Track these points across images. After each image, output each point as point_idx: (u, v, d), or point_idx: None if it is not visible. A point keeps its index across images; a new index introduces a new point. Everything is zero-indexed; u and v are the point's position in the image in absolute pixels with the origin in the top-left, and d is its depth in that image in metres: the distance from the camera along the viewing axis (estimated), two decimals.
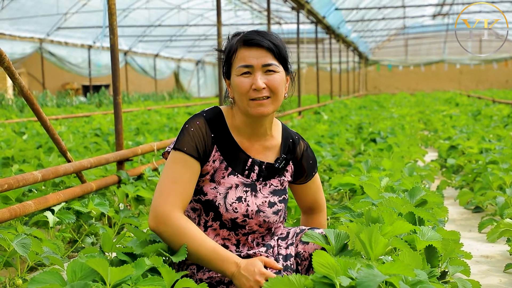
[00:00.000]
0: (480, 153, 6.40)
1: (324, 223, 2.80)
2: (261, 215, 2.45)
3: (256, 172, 2.48)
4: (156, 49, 29.40)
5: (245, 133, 2.48)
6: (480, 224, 4.23)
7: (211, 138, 2.42)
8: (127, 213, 4.27)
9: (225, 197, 2.41)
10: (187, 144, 2.37)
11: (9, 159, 6.09)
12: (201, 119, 2.43)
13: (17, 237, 2.91)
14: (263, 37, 2.37)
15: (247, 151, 2.48)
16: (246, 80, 2.35)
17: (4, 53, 3.62)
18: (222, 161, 2.44)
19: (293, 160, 2.59)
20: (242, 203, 2.43)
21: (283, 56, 2.41)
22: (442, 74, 38.61)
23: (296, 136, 2.63)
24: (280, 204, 2.51)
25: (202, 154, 2.39)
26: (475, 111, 13.52)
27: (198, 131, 2.40)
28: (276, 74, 2.37)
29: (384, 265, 1.96)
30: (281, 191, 2.54)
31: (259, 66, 2.35)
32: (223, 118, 2.47)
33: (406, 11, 27.75)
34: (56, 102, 20.75)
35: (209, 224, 2.45)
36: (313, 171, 2.67)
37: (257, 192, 2.47)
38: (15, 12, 18.28)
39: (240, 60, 2.37)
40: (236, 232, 2.46)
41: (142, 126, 10.97)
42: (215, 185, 2.43)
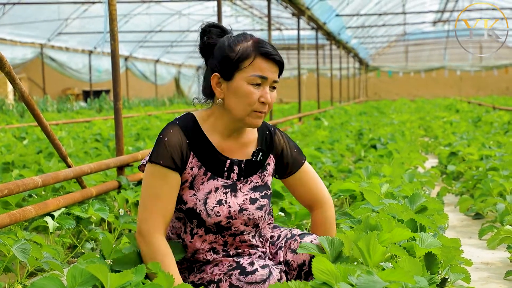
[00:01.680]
0: (481, 160, 6.40)
1: (331, 217, 2.66)
2: (244, 213, 2.43)
3: (236, 172, 2.47)
4: (157, 54, 29.44)
5: (222, 134, 2.47)
6: (480, 231, 4.23)
7: (187, 145, 2.40)
8: (127, 219, 4.26)
9: (205, 202, 2.40)
10: (163, 156, 2.35)
11: (10, 164, 6.09)
12: (175, 127, 2.41)
13: (17, 243, 2.90)
14: (278, 52, 2.40)
15: (224, 152, 2.47)
16: (256, 90, 2.35)
17: (5, 58, 3.62)
18: (201, 167, 2.42)
19: (273, 152, 2.57)
20: (223, 206, 2.41)
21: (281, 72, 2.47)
22: (443, 81, 38.65)
23: (272, 128, 2.60)
24: (263, 199, 2.49)
25: (179, 164, 2.38)
26: (476, 118, 13.52)
27: (172, 140, 2.38)
28: (275, 91, 2.42)
29: (384, 272, 1.96)
30: (262, 187, 2.51)
31: (271, 81, 2.37)
32: (197, 123, 2.46)
33: (406, 18, 27.80)
34: (56, 107, 20.77)
35: (195, 231, 2.45)
36: (299, 160, 2.61)
37: (236, 191, 2.46)
38: (16, 18, 18.31)
39: (256, 70, 2.34)
40: (223, 234, 2.45)
41: (143, 132, 10.97)
42: (194, 192, 2.42)
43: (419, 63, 39.45)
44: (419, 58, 40.00)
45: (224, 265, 2.40)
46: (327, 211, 2.65)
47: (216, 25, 2.49)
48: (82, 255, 3.39)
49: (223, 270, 2.38)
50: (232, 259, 2.43)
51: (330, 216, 2.66)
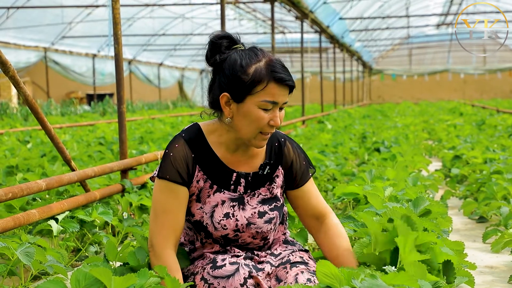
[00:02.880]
0: (485, 163, 6.39)
1: (337, 224, 2.57)
2: (252, 227, 2.43)
3: (243, 185, 2.45)
4: (160, 58, 29.48)
5: (229, 147, 2.45)
6: (484, 234, 4.22)
7: (192, 159, 2.40)
8: (131, 222, 4.27)
9: (212, 216, 2.41)
10: (170, 172, 2.38)
11: (14, 168, 6.10)
12: (180, 141, 2.42)
13: (21, 246, 2.91)
14: (289, 75, 2.35)
15: (231, 165, 2.45)
16: (266, 115, 2.32)
17: (9, 62, 3.63)
18: (206, 180, 2.42)
19: (282, 164, 2.53)
20: (231, 219, 2.41)
21: None
22: (446, 84, 38.62)
23: (282, 138, 2.55)
24: (272, 212, 2.47)
25: (186, 178, 2.39)
26: (479, 121, 13.50)
27: (178, 154, 2.39)
28: (284, 109, 2.39)
29: (388, 276, 1.95)
30: (271, 200, 2.49)
31: (280, 104, 2.35)
32: (203, 136, 2.45)
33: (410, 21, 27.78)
34: (60, 110, 20.80)
35: (204, 241, 2.47)
36: (306, 174, 2.57)
37: (244, 204, 2.44)
38: (20, 21, 18.36)
39: (268, 95, 2.31)
40: (229, 247, 2.46)
41: (146, 135, 10.97)
42: (201, 205, 2.42)
43: (422, 66, 39.44)
44: (423, 61, 39.98)
45: (206, 259, 2.42)
46: (334, 218, 2.59)
47: (226, 35, 2.46)
48: (86, 258, 3.40)
49: (202, 264, 2.39)
50: (213, 255, 2.42)
51: (336, 221, 2.59)
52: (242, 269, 2.28)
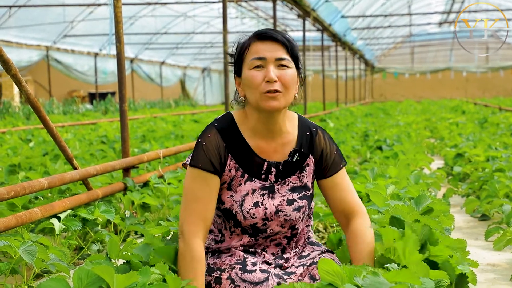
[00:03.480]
0: (487, 161, 6.38)
1: (363, 228, 2.48)
2: (280, 214, 2.44)
3: (274, 174, 2.47)
4: (162, 56, 29.48)
5: (260, 133, 2.45)
6: (486, 232, 4.22)
7: (224, 148, 2.42)
8: (133, 220, 4.27)
9: (241, 204, 2.42)
10: (202, 160, 2.39)
11: (16, 167, 6.10)
12: (213, 131, 2.43)
13: (23, 244, 2.91)
14: (277, 32, 2.39)
15: (263, 154, 2.46)
16: (258, 73, 2.34)
17: (11, 61, 3.63)
18: (238, 169, 2.44)
19: (313, 153, 2.52)
20: (260, 207, 2.42)
21: (296, 54, 2.41)
22: (449, 82, 38.58)
23: (313, 128, 2.55)
24: (301, 200, 2.47)
25: (218, 167, 2.41)
26: (482, 119, 13.48)
27: (211, 144, 2.41)
28: (288, 69, 2.36)
29: (390, 273, 1.95)
30: (300, 188, 2.49)
31: (272, 59, 2.34)
32: (235, 124, 2.47)
33: (412, 19, 27.77)
34: (62, 109, 20.83)
35: (232, 230, 2.49)
36: (338, 164, 2.54)
37: (274, 193, 2.46)
38: (22, 20, 18.37)
39: (253, 53, 2.36)
40: (257, 238, 2.47)
41: (148, 134, 10.98)
42: (232, 193, 2.44)
43: (425, 65, 39.40)
44: (425, 60, 39.94)
45: (235, 258, 2.43)
46: (360, 223, 2.49)
47: None
48: (88, 256, 3.40)
49: (231, 262, 2.40)
50: (243, 254, 2.44)
51: (362, 227, 2.48)
52: (271, 279, 2.30)
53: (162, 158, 5.79)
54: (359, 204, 2.55)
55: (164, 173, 5.39)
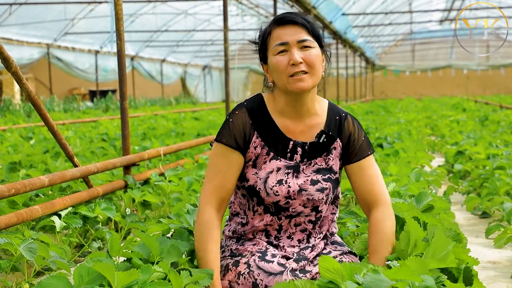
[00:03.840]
0: (487, 159, 6.38)
1: (383, 221, 2.45)
2: (303, 193, 2.45)
3: (300, 154, 2.49)
4: (163, 54, 29.47)
5: (288, 114, 2.50)
6: (487, 230, 4.22)
7: (250, 125, 2.48)
8: (134, 218, 4.28)
9: (265, 181, 2.45)
10: (226, 136, 2.46)
11: (16, 164, 6.11)
12: (241, 109, 2.50)
13: (24, 242, 2.91)
14: (296, 15, 2.43)
15: (290, 133, 2.50)
16: (283, 58, 2.39)
17: (11, 58, 3.63)
18: (264, 147, 2.48)
19: (341, 137, 2.54)
20: (283, 185, 2.45)
21: (317, 33, 2.45)
22: (449, 80, 38.54)
23: (343, 113, 2.58)
24: (325, 182, 2.48)
25: (242, 144, 2.46)
26: (482, 117, 13.48)
27: (237, 121, 2.47)
28: (312, 49, 2.41)
29: (390, 270, 1.95)
30: (326, 170, 2.51)
31: (295, 42, 2.39)
32: (264, 104, 2.52)
33: (413, 16, 27.76)
34: (63, 107, 20.82)
35: (255, 209, 2.51)
36: (365, 150, 2.55)
37: (299, 172, 2.48)
38: (23, 18, 18.36)
39: (275, 39, 2.41)
40: (279, 216, 2.49)
41: (149, 131, 10.98)
42: (256, 170, 2.48)
43: (425, 62, 39.37)
44: (426, 57, 39.91)
45: (257, 246, 2.47)
46: (380, 212, 2.48)
47: None
48: (89, 254, 3.40)
49: (252, 250, 2.45)
50: (267, 245, 2.48)
51: (382, 219, 2.46)
52: (286, 275, 2.31)
53: (163, 156, 5.79)
54: (383, 193, 2.53)
55: (165, 171, 5.39)
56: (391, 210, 2.50)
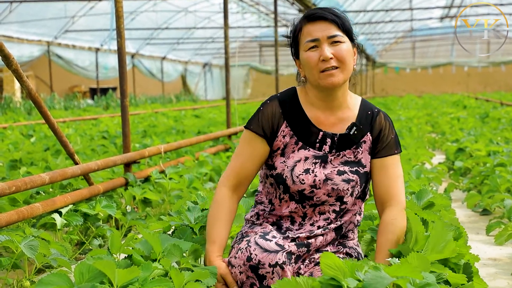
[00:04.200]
0: (488, 156, 6.38)
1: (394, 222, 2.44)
2: (329, 183, 2.47)
3: (329, 145, 2.51)
4: (163, 51, 29.46)
5: (320, 107, 2.53)
6: (487, 227, 4.22)
7: (280, 114, 2.53)
8: (134, 215, 4.28)
9: (292, 169, 2.48)
10: (254, 124, 2.54)
11: (17, 162, 6.11)
12: (273, 99, 2.57)
13: (25, 239, 2.92)
14: (325, 10, 2.46)
15: (320, 125, 2.52)
16: (314, 54, 2.43)
17: (12, 56, 3.63)
18: (292, 136, 2.52)
19: (371, 132, 2.55)
20: (309, 174, 2.47)
21: (347, 27, 2.48)
22: (450, 77, 38.51)
23: (376, 109, 2.60)
24: (352, 174, 2.49)
25: (269, 133, 2.53)
26: (483, 114, 13.47)
27: (267, 110, 2.54)
28: (343, 44, 2.44)
29: (391, 267, 1.95)
30: (353, 163, 2.52)
31: (325, 38, 2.42)
32: (296, 96, 2.57)
33: (413, 14, 27.73)
34: (63, 104, 20.81)
35: (281, 196, 2.54)
36: (391, 148, 2.55)
37: (327, 163, 2.50)
38: (23, 15, 18.36)
39: (306, 36, 2.45)
40: (303, 204, 2.51)
41: (149, 129, 10.98)
42: (285, 159, 2.51)
43: (426, 59, 39.33)
44: (426, 54, 39.87)
45: (263, 229, 2.50)
46: (395, 212, 2.47)
47: None
48: (90, 251, 3.41)
49: (257, 231, 2.49)
50: (271, 227, 2.51)
51: (394, 220, 2.46)
52: (280, 254, 2.31)
53: (163, 153, 5.79)
54: (399, 195, 2.52)
55: (165, 168, 5.40)
56: (403, 212, 2.49)
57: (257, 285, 2.28)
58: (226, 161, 6.71)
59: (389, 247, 2.41)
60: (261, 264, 2.27)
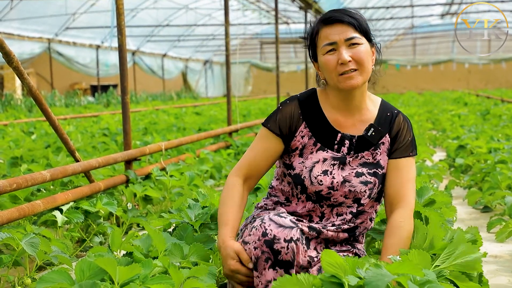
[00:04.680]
0: (489, 153, 6.37)
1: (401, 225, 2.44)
2: (346, 185, 2.47)
3: (347, 146, 2.52)
4: (164, 49, 29.44)
5: (339, 108, 2.54)
6: (488, 224, 4.22)
7: (299, 115, 2.55)
8: (135, 213, 4.28)
9: (311, 170, 2.49)
10: (272, 122, 2.57)
11: (18, 159, 6.11)
12: (293, 99, 2.59)
13: (25, 237, 2.92)
14: (342, 13, 2.46)
15: (339, 126, 2.54)
16: (332, 57, 2.43)
17: (13, 53, 3.63)
18: (311, 137, 2.53)
19: (390, 133, 2.55)
20: (328, 176, 2.48)
21: (364, 28, 2.48)
22: (451, 74, 38.46)
23: (395, 111, 2.61)
24: (370, 177, 2.49)
25: (286, 132, 2.55)
26: (484, 111, 13.46)
27: (286, 110, 2.56)
28: (360, 46, 2.44)
29: (392, 265, 1.95)
30: (372, 164, 2.52)
31: (342, 41, 2.42)
32: (316, 97, 2.59)
33: (414, 11, 27.68)
34: (64, 102, 20.82)
35: (299, 196, 2.55)
36: (405, 151, 2.54)
37: (345, 165, 2.50)
38: (24, 12, 18.34)
39: (323, 39, 2.45)
40: (321, 204, 2.51)
41: (150, 126, 10.98)
42: (303, 159, 2.52)
43: (427, 56, 39.27)
44: (427, 51, 39.81)
45: (276, 211, 2.51)
46: (403, 214, 2.46)
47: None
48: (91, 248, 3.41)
49: (270, 212, 2.48)
50: (285, 210, 2.53)
51: (401, 222, 2.45)
52: (295, 231, 2.29)
53: (164, 151, 5.79)
54: (409, 197, 2.51)
55: (166, 166, 5.40)
56: (411, 215, 2.48)
57: (272, 259, 2.26)
58: (226, 158, 6.71)
59: (395, 250, 2.40)
60: (276, 239, 2.26)
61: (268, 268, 2.26)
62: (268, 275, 2.26)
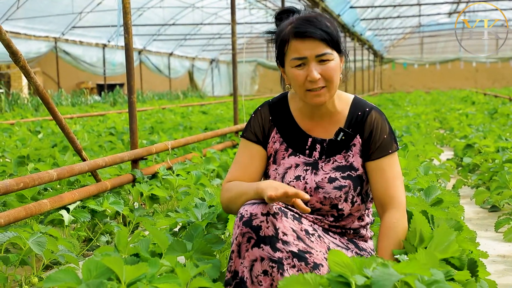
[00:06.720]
0: (497, 152, 6.35)
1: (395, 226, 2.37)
2: (320, 191, 2.43)
3: (318, 151, 2.49)
4: (171, 48, 29.47)
5: (309, 113, 2.51)
6: (496, 224, 4.20)
7: (270, 121, 2.55)
8: (142, 212, 4.28)
9: (283, 176, 2.47)
10: (247, 131, 2.57)
11: (25, 158, 6.12)
12: (264, 105, 2.59)
13: (32, 236, 2.92)
14: (315, 26, 2.33)
15: (309, 131, 2.51)
16: (300, 72, 2.34)
17: (19, 52, 3.64)
18: (282, 143, 2.52)
19: (361, 133, 2.47)
20: (300, 181, 2.44)
21: (336, 41, 2.36)
22: (458, 72, 38.38)
23: (367, 108, 2.50)
24: (344, 180, 2.43)
25: (261, 137, 2.55)
26: (492, 110, 13.42)
27: (258, 116, 2.57)
28: (331, 62, 2.35)
29: (399, 264, 1.94)
30: (345, 168, 2.45)
31: (313, 57, 2.33)
32: (286, 102, 2.56)
33: (421, 9, 27.61)
34: (71, 101, 20.86)
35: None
36: (385, 149, 2.45)
37: (318, 170, 2.46)
38: (31, 11, 18.39)
39: (293, 52, 2.35)
40: None
41: (157, 125, 10.99)
42: (276, 166, 2.51)
43: (434, 55, 39.20)
44: (434, 50, 39.73)
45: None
46: (395, 214, 2.39)
47: (286, 10, 2.48)
48: (98, 248, 3.41)
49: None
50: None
51: (395, 223, 2.38)
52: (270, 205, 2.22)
53: (171, 150, 5.79)
54: (398, 195, 2.42)
55: (173, 165, 5.39)
56: (404, 214, 2.42)
57: (255, 237, 2.19)
58: (233, 157, 6.70)
59: (391, 250, 2.35)
60: (253, 215, 2.20)
61: (252, 247, 2.20)
62: (252, 254, 2.20)
